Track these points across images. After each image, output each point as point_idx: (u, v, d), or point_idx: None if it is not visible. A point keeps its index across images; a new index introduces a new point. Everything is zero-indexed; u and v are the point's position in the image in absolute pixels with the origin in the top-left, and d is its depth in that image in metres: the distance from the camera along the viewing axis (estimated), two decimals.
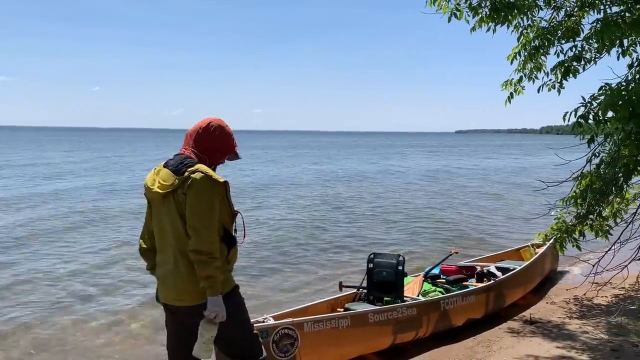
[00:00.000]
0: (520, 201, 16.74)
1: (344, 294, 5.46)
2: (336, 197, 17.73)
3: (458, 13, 5.09)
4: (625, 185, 5.12)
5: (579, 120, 4.50)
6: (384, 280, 5.31)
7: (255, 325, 3.36)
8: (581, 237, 5.54)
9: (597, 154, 5.15)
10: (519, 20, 5.22)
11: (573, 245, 5.58)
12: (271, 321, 4.15)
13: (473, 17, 5.08)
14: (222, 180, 2.60)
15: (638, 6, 4.78)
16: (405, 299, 5.28)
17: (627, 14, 4.73)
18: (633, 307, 4.22)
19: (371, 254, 5.56)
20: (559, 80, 5.38)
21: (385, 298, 5.22)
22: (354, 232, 11.59)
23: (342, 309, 5.15)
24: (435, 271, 6.23)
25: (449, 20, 5.09)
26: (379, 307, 4.91)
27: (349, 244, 10.28)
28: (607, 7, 5.01)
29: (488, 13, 4.93)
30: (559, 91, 5.41)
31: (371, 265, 5.42)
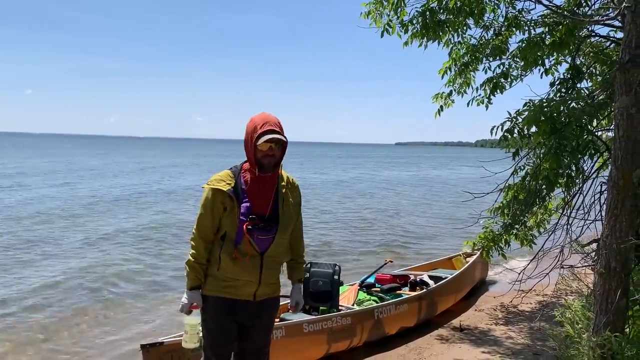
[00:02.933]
0: (453, 211, 17.25)
1: (280, 303, 5.42)
2: None
3: (390, 29, 5.23)
4: (548, 197, 5.38)
5: (505, 134, 4.72)
6: (319, 289, 5.32)
7: None
8: (507, 246, 5.76)
9: (522, 167, 5.38)
10: (450, 36, 5.42)
11: (499, 254, 5.81)
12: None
13: (405, 33, 5.22)
14: (206, 186, 2.80)
15: (559, 28, 5.08)
16: (340, 308, 5.32)
17: (548, 36, 5.01)
18: (553, 313, 4.44)
19: (308, 263, 5.55)
20: (487, 96, 5.62)
21: (321, 307, 5.23)
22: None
23: (277, 319, 5.12)
24: (370, 280, 6.31)
25: (382, 35, 5.23)
26: (314, 317, 4.91)
27: None
28: (531, 28, 5.27)
29: (419, 30, 5.09)
30: (486, 106, 5.63)
31: (307, 274, 5.42)
